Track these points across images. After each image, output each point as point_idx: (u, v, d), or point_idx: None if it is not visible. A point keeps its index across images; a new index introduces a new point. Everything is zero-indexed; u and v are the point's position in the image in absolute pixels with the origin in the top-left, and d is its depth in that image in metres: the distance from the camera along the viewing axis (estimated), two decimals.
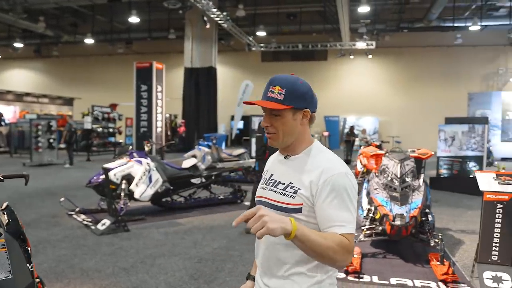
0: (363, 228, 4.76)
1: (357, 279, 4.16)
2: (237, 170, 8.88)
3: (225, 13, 18.68)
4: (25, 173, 2.60)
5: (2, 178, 2.47)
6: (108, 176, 6.18)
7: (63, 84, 30.06)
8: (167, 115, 21.13)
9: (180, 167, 7.42)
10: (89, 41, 23.71)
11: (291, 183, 1.45)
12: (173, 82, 24.03)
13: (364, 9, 17.85)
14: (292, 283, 1.43)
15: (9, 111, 23.04)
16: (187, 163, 7.55)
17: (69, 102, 27.26)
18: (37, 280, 2.36)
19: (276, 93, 1.44)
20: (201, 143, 9.06)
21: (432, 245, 4.53)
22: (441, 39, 23.11)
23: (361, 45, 22.19)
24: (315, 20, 22.42)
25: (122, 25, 24.12)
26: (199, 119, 20.92)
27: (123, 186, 6.41)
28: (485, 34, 21.56)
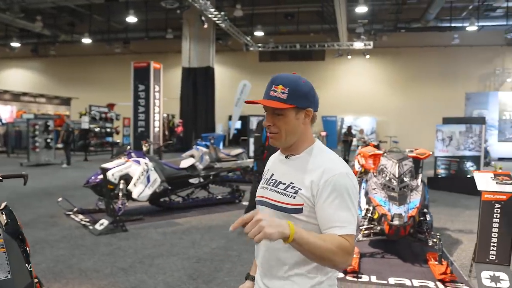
0: (361, 228, 4.77)
1: (355, 279, 4.16)
2: (235, 170, 8.90)
3: (223, 13, 18.67)
4: (24, 173, 2.59)
5: (1, 178, 2.46)
6: (106, 176, 6.16)
7: (60, 83, 29.98)
8: (164, 115, 21.12)
9: (178, 167, 7.41)
10: (87, 40, 23.66)
11: (292, 183, 1.43)
12: (171, 82, 24.00)
13: (361, 9, 17.89)
14: (292, 284, 1.42)
15: (6, 111, 22.99)
16: (185, 163, 7.55)
17: (66, 102, 27.20)
18: (36, 280, 2.35)
19: (279, 92, 1.41)
20: (199, 143, 9.04)
21: (430, 244, 4.54)
22: (438, 39, 23.18)
23: (358, 45, 22.23)
24: (312, 20, 22.42)
25: (119, 24, 24.07)
26: (197, 119, 20.92)
27: (121, 186, 6.40)
28: (482, 34, 21.65)
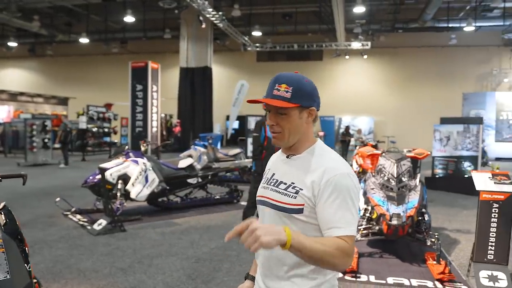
0: (359, 227, 4.78)
1: (354, 279, 4.17)
2: (233, 170, 8.89)
3: (220, 13, 18.67)
4: (23, 173, 2.58)
5: (0, 178, 2.46)
6: (104, 176, 6.15)
7: (57, 83, 29.91)
8: (162, 115, 21.10)
9: (176, 167, 7.40)
10: (84, 40, 23.61)
11: (293, 183, 1.42)
12: (169, 82, 23.98)
13: (359, 10, 17.94)
14: (292, 285, 1.41)
15: (3, 111, 22.94)
16: (184, 163, 7.54)
17: (63, 101, 27.15)
18: (34, 280, 2.35)
19: (282, 91, 1.40)
20: (197, 143, 9.03)
21: (428, 244, 4.55)
22: (435, 40, 23.24)
23: (356, 45, 22.27)
24: (310, 20, 22.45)
25: (117, 24, 24.03)
26: (195, 119, 20.91)
27: (119, 186, 6.40)
28: (479, 34, 21.71)
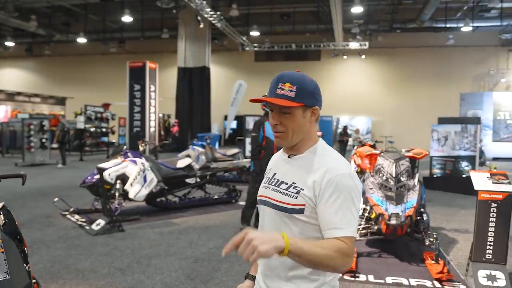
0: (358, 227, 4.78)
1: (353, 278, 4.18)
2: (231, 170, 8.89)
3: (218, 13, 18.65)
4: (22, 173, 2.57)
5: None
6: (102, 176, 6.14)
7: (55, 83, 29.84)
8: (160, 115, 21.07)
9: (174, 167, 7.40)
10: (82, 40, 23.56)
11: (294, 183, 1.42)
12: (166, 81, 23.95)
13: (357, 10, 17.94)
14: (293, 286, 1.41)
15: (0, 111, 22.85)
16: (182, 163, 7.53)
17: (61, 101, 27.09)
18: (33, 281, 2.34)
19: (286, 90, 1.39)
20: (195, 142, 9.02)
21: (427, 244, 4.56)
22: (433, 40, 23.29)
23: (354, 45, 22.28)
24: (308, 20, 22.47)
25: (115, 24, 23.99)
26: (193, 119, 20.90)
27: (117, 186, 6.38)
28: (476, 35, 21.76)
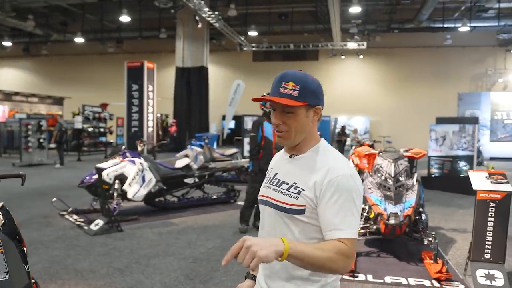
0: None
1: (352, 278, 4.18)
2: (230, 170, 8.89)
3: (216, 13, 18.65)
4: (21, 173, 2.57)
5: None
6: (101, 176, 6.13)
7: (52, 83, 29.77)
8: (158, 114, 21.05)
9: (173, 167, 7.39)
10: (79, 40, 23.50)
11: (295, 183, 1.41)
12: (164, 81, 23.92)
13: (355, 10, 17.96)
14: (295, 287, 1.40)
15: None
16: (180, 163, 7.53)
17: (59, 101, 27.01)
18: (32, 281, 2.34)
19: (289, 89, 1.38)
20: (193, 142, 9.03)
21: (425, 243, 4.56)
22: (431, 40, 23.33)
23: (352, 45, 22.31)
24: (306, 20, 22.48)
25: (112, 24, 23.95)
26: (191, 119, 20.88)
27: (116, 186, 6.36)
28: (474, 35, 21.82)
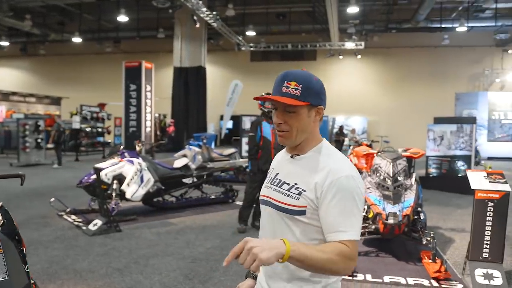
0: None
1: (351, 278, 4.18)
2: (228, 169, 8.90)
3: (214, 13, 18.65)
4: (21, 173, 2.56)
5: None
6: (99, 176, 6.12)
7: (50, 83, 29.69)
8: (156, 114, 21.03)
9: (171, 166, 7.39)
10: (77, 39, 23.44)
11: (296, 184, 1.40)
12: (162, 81, 23.90)
13: (353, 10, 18.00)
14: (296, 287, 1.40)
15: None
16: (179, 163, 7.52)
17: (56, 101, 26.96)
18: (32, 281, 2.33)
19: (292, 88, 1.37)
20: (191, 142, 9.02)
21: (424, 243, 4.58)
22: (428, 40, 23.38)
23: (350, 45, 22.34)
24: (304, 20, 22.50)
25: (110, 23, 23.91)
26: (189, 119, 20.87)
27: (114, 186, 6.36)
28: (471, 35, 21.88)
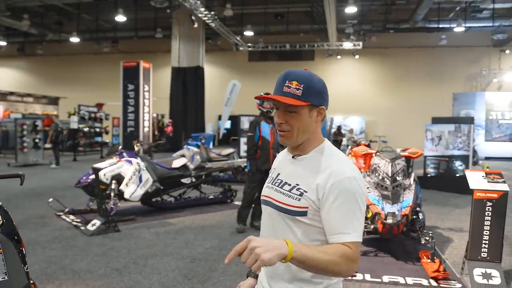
0: None
1: (350, 277, 4.19)
2: (227, 169, 8.89)
3: (212, 13, 18.64)
4: (20, 173, 2.55)
5: None
6: (98, 176, 6.11)
7: (47, 83, 29.61)
8: (154, 114, 21.01)
9: (170, 167, 7.38)
10: (75, 39, 23.40)
11: (297, 185, 1.39)
12: (160, 81, 23.86)
13: (351, 10, 18.01)
14: None
15: None
16: (177, 163, 7.52)
17: (54, 101, 26.90)
18: (31, 282, 2.33)
19: (293, 88, 1.36)
20: (190, 142, 9.02)
21: (423, 243, 4.59)
22: (426, 40, 23.41)
23: (348, 45, 22.35)
24: (302, 20, 22.51)
25: (108, 23, 23.88)
26: (187, 119, 20.85)
27: (113, 186, 6.36)
28: (469, 35, 21.93)
